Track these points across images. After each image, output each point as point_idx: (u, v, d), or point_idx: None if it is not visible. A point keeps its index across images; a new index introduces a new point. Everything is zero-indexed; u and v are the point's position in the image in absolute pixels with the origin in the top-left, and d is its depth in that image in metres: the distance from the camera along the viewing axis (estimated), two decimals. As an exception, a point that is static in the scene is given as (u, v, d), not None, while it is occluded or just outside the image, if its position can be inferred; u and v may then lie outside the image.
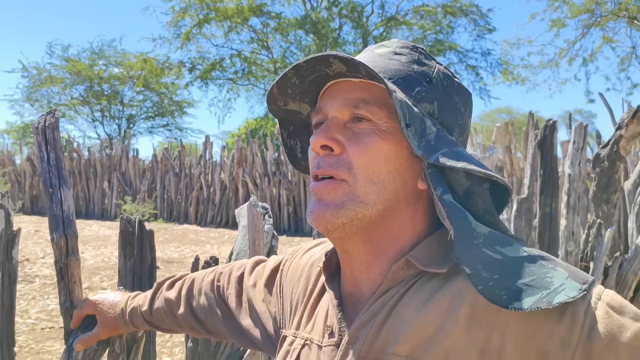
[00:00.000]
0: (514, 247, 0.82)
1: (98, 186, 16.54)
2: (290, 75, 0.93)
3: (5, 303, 1.59)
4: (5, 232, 1.59)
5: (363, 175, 0.87)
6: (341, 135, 0.89)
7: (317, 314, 1.01)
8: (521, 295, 0.76)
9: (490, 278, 0.78)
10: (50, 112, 1.60)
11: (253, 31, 26.06)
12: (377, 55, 0.94)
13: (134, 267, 1.73)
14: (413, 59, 0.93)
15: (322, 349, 0.94)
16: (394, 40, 0.98)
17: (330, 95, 0.93)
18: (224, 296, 1.29)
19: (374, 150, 0.87)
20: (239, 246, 2.00)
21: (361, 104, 0.88)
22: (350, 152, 0.87)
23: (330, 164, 0.88)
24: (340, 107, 0.90)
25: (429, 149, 0.85)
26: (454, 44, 25.68)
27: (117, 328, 1.48)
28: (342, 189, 0.87)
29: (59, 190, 1.56)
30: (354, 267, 0.94)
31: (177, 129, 33.74)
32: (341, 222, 0.87)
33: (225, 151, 15.65)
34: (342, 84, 0.92)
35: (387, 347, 0.84)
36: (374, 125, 0.88)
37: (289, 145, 1.08)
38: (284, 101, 1.00)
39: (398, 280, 0.89)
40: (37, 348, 4.81)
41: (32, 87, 30.59)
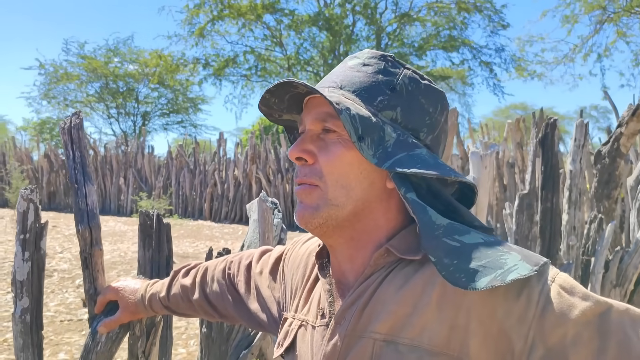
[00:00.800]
0: (471, 235, 0.93)
1: (114, 182, 16.71)
2: (268, 97, 1.05)
3: (34, 290, 1.71)
4: (34, 224, 1.72)
5: (332, 180, 0.99)
6: (313, 146, 1.01)
7: (312, 298, 1.13)
8: (477, 276, 0.85)
9: (451, 264, 0.88)
10: (75, 114, 1.73)
11: (267, 28, 26.12)
12: (348, 68, 1.05)
13: (152, 257, 1.86)
14: (379, 69, 1.03)
15: (315, 328, 1.07)
16: (366, 50, 1.07)
17: (307, 109, 1.05)
18: (234, 283, 1.42)
19: (339, 158, 0.99)
20: (250, 239, 2.13)
21: (328, 118, 0.99)
22: (321, 161, 1.00)
23: (305, 174, 1.01)
24: (313, 121, 1.02)
25: (385, 157, 0.95)
26: (468, 40, 25.56)
27: (138, 312, 1.61)
28: (316, 194, 1.00)
29: (84, 186, 1.69)
30: (339, 259, 1.06)
31: (192, 125, 33.95)
32: (318, 222, 1.00)
33: (239, 148, 15.76)
34: (316, 99, 1.03)
35: (369, 326, 0.95)
36: (339, 136, 0.99)
37: (290, 139, 1.21)
38: (277, 114, 1.13)
39: (379, 266, 1.00)
40: (57, 340, 4.95)
41: (49, 85, 30.88)
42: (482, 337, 0.86)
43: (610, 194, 3.39)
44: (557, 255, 3.32)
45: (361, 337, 0.96)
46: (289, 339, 1.13)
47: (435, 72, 26.29)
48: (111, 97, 31.54)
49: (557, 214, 3.29)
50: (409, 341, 0.90)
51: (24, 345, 1.69)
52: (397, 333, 0.92)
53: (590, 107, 42.51)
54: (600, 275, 3.53)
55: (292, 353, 1.13)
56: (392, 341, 0.92)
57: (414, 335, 0.90)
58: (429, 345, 0.89)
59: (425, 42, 25.71)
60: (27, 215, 1.71)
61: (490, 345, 0.86)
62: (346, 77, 1.03)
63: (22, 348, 1.69)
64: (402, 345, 0.91)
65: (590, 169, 5.72)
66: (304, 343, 1.09)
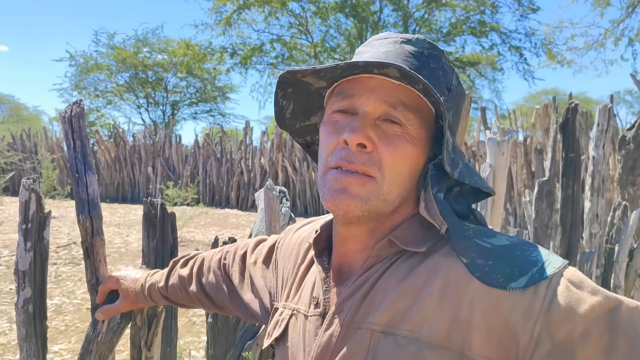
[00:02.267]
0: (497, 237, 0.91)
1: (143, 171, 16.88)
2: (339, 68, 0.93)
3: (37, 280, 1.71)
4: (36, 214, 1.71)
5: (390, 175, 0.93)
6: (374, 133, 0.92)
7: (304, 286, 1.10)
8: (515, 275, 0.83)
9: (486, 264, 0.86)
10: (76, 102, 1.71)
11: (293, 16, 26.04)
12: (409, 54, 0.95)
13: (157, 247, 1.85)
14: (439, 66, 0.97)
15: (307, 318, 1.03)
16: (420, 37, 0.99)
17: (364, 87, 0.95)
18: (229, 273, 1.39)
19: (403, 154, 0.93)
20: (257, 228, 2.10)
21: (400, 107, 0.92)
22: (382, 151, 0.92)
23: (362, 161, 0.92)
24: (377, 104, 0.93)
25: (452, 164, 0.92)
26: (497, 25, 25.16)
27: (137, 302, 1.59)
28: (371, 186, 0.92)
29: (85, 175, 1.67)
30: (349, 247, 1.01)
31: (220, 114, 34.09)
32: (361, 213, 0.93)
33: (265, 136, 15.78)
34: (378, 79, 0.94)
35: (368, 318, 0.92)
36: (405, 130, 0.93)
37: (280, 104, 1.10)
38: (303, 74, 1.01)
39: (382, 257, 0.96)
40: (82, 327, 5.02)
41: (79, 75, 31.27)
42: (486, 332, 0.82)
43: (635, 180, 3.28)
44: (578, 243, 3.24)
45: (359, 328, 0.92)
46: (280, 328, 1.10)
47: (464, 58, 25.94)
48: (140, 86, 31.80)
49: (578, 202, 3.20)
50: (408, 333, 0.87)
51: (26, 335, 1.69)
52: (396, 324, 0.89)
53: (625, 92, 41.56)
54: (625, 264, 3.43)
55: (282, 343, 1.09)
56: (390, 333, 0.88)
57: (414, 327, 0.87)
58: (429, 337, 0.85)
59: (453, 27, 25.37)
60: (29, 205, 1.70)
61: (493, 340, 0.82)
62: (411, 64, 0.94)
63: (25, 338, 1.69)
64: (401, 337, 0.87)
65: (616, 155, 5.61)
66: (295, 333, 1.05)
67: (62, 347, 4.49)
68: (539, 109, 10.71)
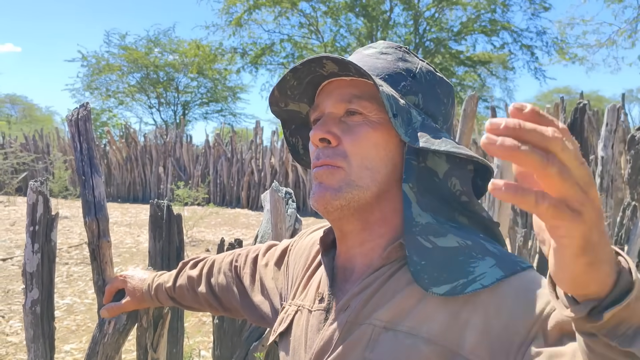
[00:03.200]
0: (447, 238, 0.93)
1: (154, 171, 16.94)
2: (289, 77, 1.02)
3: (45, 281, 1.72)
4: (44, 216, 1.73)
5: (357, 161, 0.96)
6: (337, 128, 0.98)
7: (311, 284, 1.12)
8: (439, 281, 0.88)
9: (419, 263, 0.90)
10: (83, 105, 1.72)
11: (303, 15, 26.07)
12: (366, 56, 1.04)
13: (163, 248, 1.86)
14: (398, 57, 1.03)
15: (312, 313, 1.05)
16: (380, 42, 1.07)
17: (325, 93, 1.02)
18: (240, 275, 1.41)
19: (365, 139, 0.96)
20: (264, 229, 2.11)
21: (354, 99, 0.97)
22: (345, 142, 0.97)
23: (327, 155, 0.97)
24: (335, 103, 0.99)
25: (415, 136, 0.93)
26: (508, 24, 25.04)
27: (143, 302, 1.61)
28: (339, 175, 0.96)
29: (91, 178, 1.69)
30: (349, 244, 1.04)
31: (231, 114, 34.21)
32: (339, 203, 0.97)
33: (276, 136, 15.80)
34: (335, 82, 1.02)
35: (372, 315, 0.94)
36: (365, 117, 0.97)
37: (291, 143, 1.19)
38: (284, 102, 1.10)
39: (391, 259, 0.98)
40: (94, 327, 5.05)
41: (91, 76, 31.47)
42: (482, 333, 0.84)
43: (644, 180, 3.26)
44: (587, 244, 3.17)
45: (361, 325, 0.95)
46: (284, 324, 1.12)
47: (475, 57, 25.85)
48: (152, 87, 31.97)
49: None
50: (407, 329, 0.90)
51: (34, 336, 1.71)
52: (398, 322, 0.91)
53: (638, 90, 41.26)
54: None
55: (285, 339, 1.12)
56: (391, 328, 0.91)
57: (414, 325, 0.90)
58: (427, 334, 0.87)
59: (464, 26, 25.28)
60: (37, 207, 1.72)
61: (486, 342, 0.83)
62: (366, 63, 1.02)
63: (33, 339, 1.71)
64: (400, 332, 0.90)
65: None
66: (299, 327, 1.08)
67: (73, 347, 4.52)
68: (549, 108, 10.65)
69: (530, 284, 0.87)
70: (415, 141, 0.92)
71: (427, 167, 0.97)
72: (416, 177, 0.96)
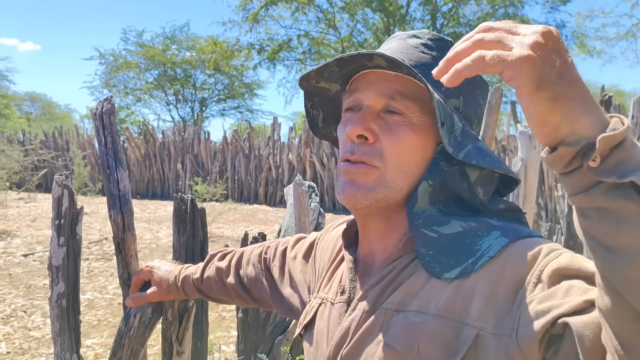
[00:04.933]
0: (450, 225, 0.95)
1: (172, 168, 17.03)
2: (332, 64, 1.00)
3: (71, 275, 1.73)
4: (69, 210, 1.73)
5: (393, 163, 0.96)
6: (375, 125, 0.96)
7: (335, 278, 1.13)
8: (449, 266, 0.90)
9: (427, 254, 0.92)
10: (107, 99, 1.73)
11: (320, 11, 26.03)
12: (411, 47, 1.01)
13: (187, 242, 1.86)
14: (443, 54, 0.99)
15: (334, 305, 1.07)
16: (425, 30, 1.04)
17: (366, 82, 1.00)
18: (270, 267, 1.41)
19: (404, 142, 0.96)
20: (287, 223, 2.10)
21: (397, 97, 0.96)
22: (383, 141, 0.96)
23: (364, 152, 0.96)
24: (376, 97, 0.97)
25: (457, 146, 0.94)
26: (526, 18, 24.84)
27: (169, 293, 1.61)
28: (374, 175, 0.96)
29: (116, 171, 1.69)
30: (371, 239, 1.05)
31: (248, 110, 34.28)
32: (369, 202, 0.97)
33: (293, 132, 15.81)
34: (378, 73, 0.99)
35: (385, 301, 0.96)
36: (406, 118, 0.96)
37: (311, 115, 1.17)
38: (316, 80, 1.08)
39: (407, 250, 0.99)
40: (114, 322, 5.09)
41: (109, 73, 31.70)
42: (487, 299, 0.85)
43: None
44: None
45: (376, 312, 0.97)
46: (308, 316, 1.14)
47: (492, 52, 25.66)
48: (169, 84, 32.13)
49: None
50: (416, 308, 0.91)
51: (60, 330, 1.72)
52: (408, 303, 0.93)
53: (658, 84, 40.62)
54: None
55: (309, 331, 1.14)
56: (401, 310, 0.93)
57: (422, 303, 0.92)
58: (435, 310, 0.89)
59: (481, 21, 25.11)
60: (62, 200, 1.73)
61: (493, 307, 0.85)
62: (412, 56, 0.99)
63: (59, 332, 1.72)
64: (410, 312, 0.92)
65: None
66: (322, 319, 1.09)
67: (94, 342, 4.55)
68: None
69: (530, 244, 0.88)
70: (458, 152, 0.93)
71: (462, 171, 0.98)
72: (444, 178, 0.97)
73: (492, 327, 0.83)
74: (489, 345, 0.82)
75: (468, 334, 0.84)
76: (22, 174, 16.06)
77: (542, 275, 0.81)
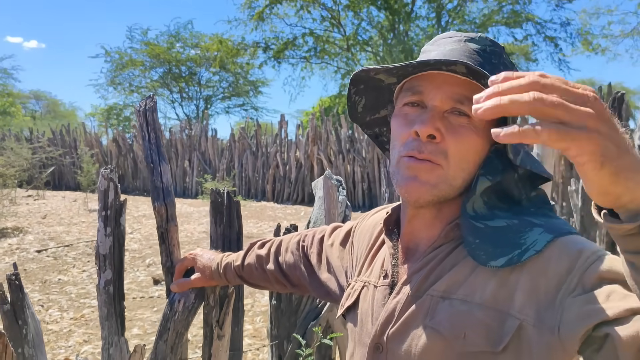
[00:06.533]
0: (495, 220, 1.02)
1: (179, 165, 17.08)
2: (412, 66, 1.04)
3: (116, 263, 1.83)
4: (114, 202, 1.83)
5: (456, 162, 1.03)
6: (442, 125, 1.01)
7: (375, 262, 1.22)
8: (496, 255, 0.96)
9: (473, 242, 0.99)
10: (149, 97, 1.82)
11: (325, 9, 26.08)
12: (473, 52, 1.05)
13: (224, 233, 1.95)
14: (501, 61, 1.07)
15: (377, 288, 1.15)
16: (482, 35, 1.09)
17: (433, 83, 1.04)
18: (308, 254, 1.51)
19: (468, 143, 1.02)
20: (316, 215, 2.19)
21: (465, 101, 1.00)
22: (449, 141, 1.01)
23: (430, 151, 1.01)
24: (445, 99, 1.02)
25: (515, 152, 1.03)
26: (531, 15, 24.85)
27: (212, 279, 1.71)
28: (437, 172, 1.02)
29: (159, 165, 1.79)
30: (415, 226, 1.13)
31: (253, 108, 34.32)
32: (431, 197, 1.04)
33: (300, 129, 15.85)
34: (445, 75, 1.03)
35: (431, 287, 1.04)
36: (471, 121, 1.02)
37: (352, 100, 1.22)
38: (376, 71, 1.12)
39: (450, 238, 1.07)
40: (130, 316, 5.18)
41: (115, 71, 31.78)
42: (529, 293, 0.92)
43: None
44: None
45: (421, 296, 1.04)
46: (352, 299, 1.22)
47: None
48: (174, 81, 32.22)
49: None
50: (462, 297, 0.99)
51: (107, 314, 1.81)
52: (453, 291, 1.01)
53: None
54: None
55: (353, 312, 1.21)
56: (447, 297, 1.00)
57: (467, 293, 0.99)
58: (480, 300, 0.96)
59: (487, 18, 25.13)
60: (108, 193, 1.82)
61: (534, 301, 0.91)
62: (475, 61, 1.03)
63: (107, 317, 1.81)
64: (456, 300, 0.99)
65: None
66: (366, 302, 1.17)
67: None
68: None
69: (572, 243, 0.94)
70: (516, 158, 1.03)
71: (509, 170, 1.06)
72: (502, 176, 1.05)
73: (533, 319, 0.90)
74: (531, 336, 0.90)
75: (511, 325, 0.92)
76: (30, 172, 16.15)
77: (584, 277, 0.87)
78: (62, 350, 4.46)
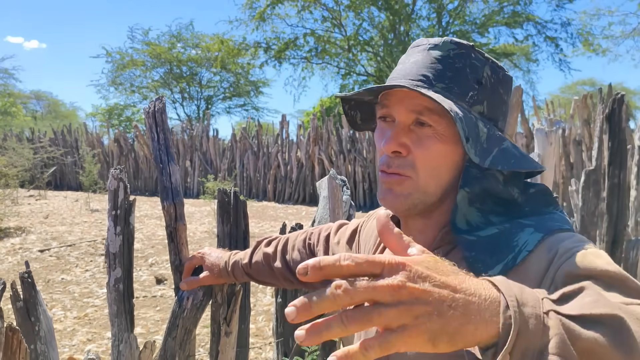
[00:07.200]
0: (487, 229, 1.03)
1: (181, 165, 17.11)
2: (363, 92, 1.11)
3: (125, 261, 1.86)
4: (124, 201, 1.87)
5: (425, 172, 1.06)
6: (407, 138, 1.06)
7: None
8: (491, 264, 0.98)
9: (470, 255, 1.01)
10: (159, 99, 1.85)
11: (326, 9, 26.11)
12: (433, 59, 1.07)
13: (231, 231, 1.99)
14: (465, 63, 1.07)
15: None
16: (447, 39, 1.08)
17: (395, 99, 1.08)
18: (314, 252, 1.55)
19: (434, 152, 1.05)
20: (321, 214, 2.23)
21: (425, 112, 1.03)
22: (416, 153, 1.05)
23: (397, 165, 1.06)
24: (407, 112, 1.05)
25: (483, 153, 1.03)
26: (532, 16, 24.87)
27: (220, 277, 1.75)
28: (408, 183, 1.07)
29: (168, 165, 1.82)
30: (411, 232, 1.15)
31: (254, 108, 34.37)
32: (407, 207, 1.09)
33: (301, 130, 15.88)
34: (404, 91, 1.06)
35: None
36: (434, 130, 1.04)
37: (350, 115, 1.28)
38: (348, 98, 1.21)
39: (445, 242, 1.10)
40: (140, 313, 5.23)
41: (116, 72, 31.84)
42: None
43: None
44: (624, 231, 3.30)
45: None
46: None
47: (497, 49, 25.72)
48: (175, 81, 32.27)
49: (624, 190, 3.26)
50: None
51: (117, 312, 1.85)
52: None
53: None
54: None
55: None
56: None
57: None
58: None
59: (487, 18, 25.17)
60: (118, 192, 1.86)
61: None
62: (435, 70, 1.05)
63: (117, 314, 1.85)
64: None
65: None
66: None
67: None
68: (577, 100, 10.64)
69: (555, 241, 0.96)
70: (484, 160, 1.02)
71: (491, 174, 1.07)
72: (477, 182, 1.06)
73: None
74: None
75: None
76: (32, 172, 16.19)
77: (556, 275, 0.89)
78: (66, 349, 4.50)
